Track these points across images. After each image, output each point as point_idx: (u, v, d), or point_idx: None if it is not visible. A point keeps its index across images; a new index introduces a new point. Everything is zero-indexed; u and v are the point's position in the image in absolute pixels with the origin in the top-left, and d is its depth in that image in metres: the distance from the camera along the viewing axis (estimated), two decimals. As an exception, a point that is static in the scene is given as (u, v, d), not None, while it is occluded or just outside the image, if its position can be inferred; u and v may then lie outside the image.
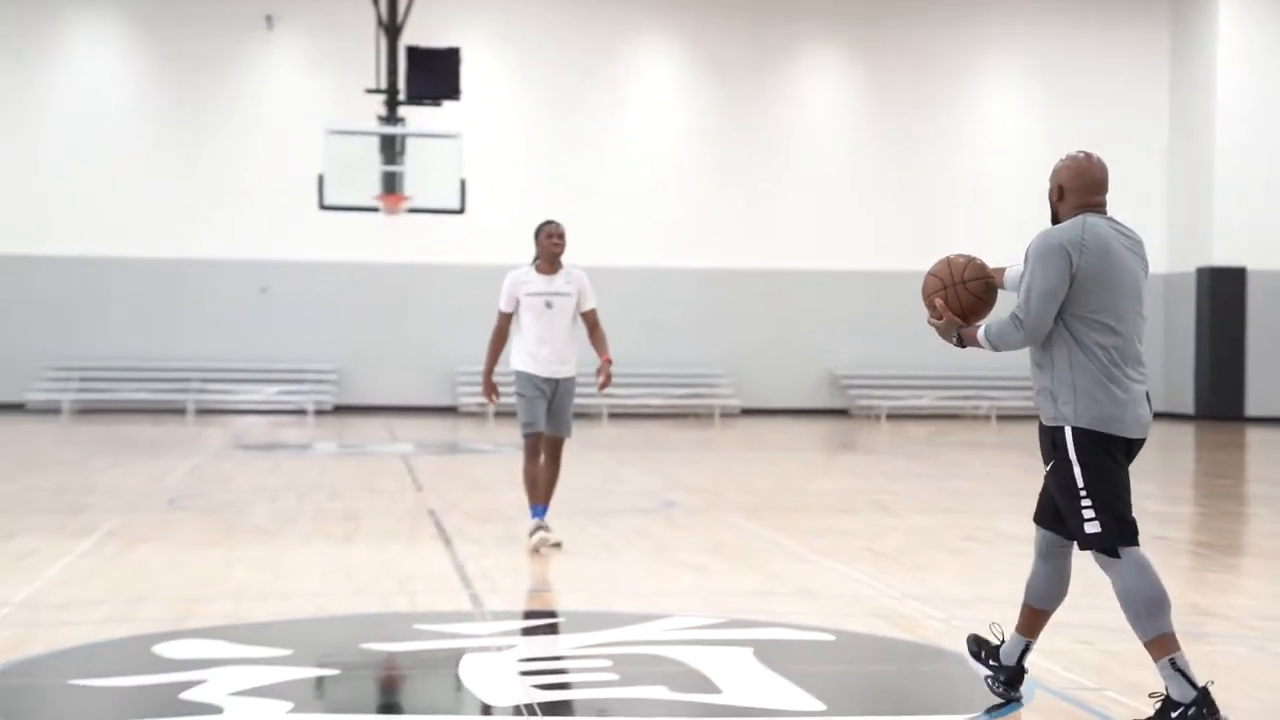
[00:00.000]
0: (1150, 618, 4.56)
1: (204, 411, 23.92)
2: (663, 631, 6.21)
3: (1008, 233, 26.51)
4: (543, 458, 8.73)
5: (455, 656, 5.76)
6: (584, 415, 24.57)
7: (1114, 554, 4.64)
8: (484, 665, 5.60)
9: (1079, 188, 4.85)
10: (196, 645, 5.87)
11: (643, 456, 16.60)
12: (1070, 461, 4.71)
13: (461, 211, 18.62)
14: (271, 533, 9.41)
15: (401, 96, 18.56)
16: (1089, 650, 5.96)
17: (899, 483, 13.56)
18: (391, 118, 18.63)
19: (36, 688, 5.26)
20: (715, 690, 5.23)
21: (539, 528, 8.67)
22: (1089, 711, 4.99)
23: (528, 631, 6.39)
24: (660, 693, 5.17)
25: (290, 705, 4.96)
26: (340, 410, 24.46)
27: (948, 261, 5.11)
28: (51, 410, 23.47)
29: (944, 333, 5.10)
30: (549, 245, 8.76)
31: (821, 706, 5.01)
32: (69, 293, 24.18)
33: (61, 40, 24.53)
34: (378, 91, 18.95)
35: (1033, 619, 5.01)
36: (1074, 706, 5.05)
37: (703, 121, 26.07)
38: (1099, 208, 4.83)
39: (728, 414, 25.09)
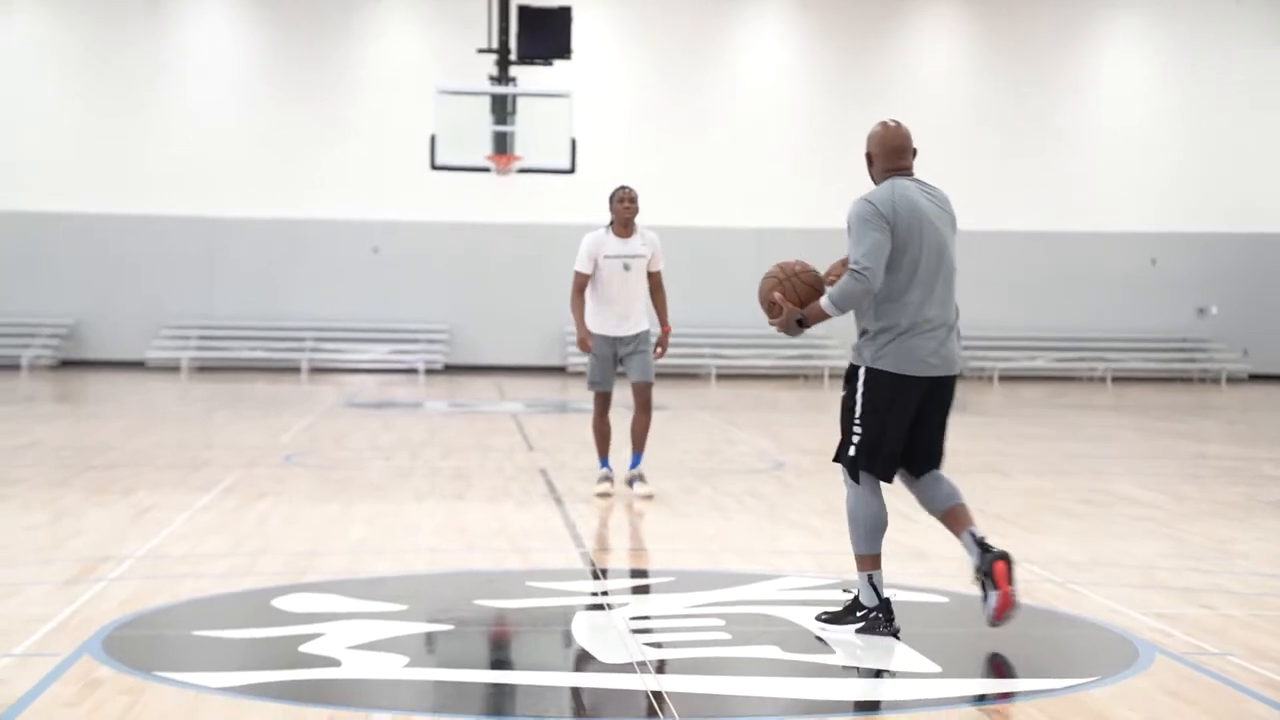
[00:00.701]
0: (868, 538, 5.45)
1: (317, 370, 24.32)
2: (775, 591, 6.21)
3: (1121, 190, 26.10)
4: (634, 406, 9.19)
5: (567, 614, 5.80)
6: (692, 376, 24.58)
7: (855, 478, 5.45)
8: (596, 623, 5.64)
9: (884, 154, 5.57)
10: (314, 599, 5.97)
11: (752, 417, 16.57)
12: (856, 394, 5.45)
13: (572, 171, 18.65)
14: (385, 489, 9.55)
15: (513, 56, 18.59)
16: (1211, 614, 5.84)
17: (1012, 445, 13.39)
18: (503, 77, 18.67)
19: (162, 638, 5.40)
20: (829, 650, 5.21)
21: (606, 477, 9.24)
22: (1211, 676, 4.90)
23: (639, 590, 6.42)
24: (773, 652, 5.16)
25: (406, 659, 5.03)
26: (451, 369, 24.72)
27: (779, 264, 5.76)
28: (171, 368, 24.01)
29: (785, 327, 5.61)
30: (622, 210, 9.09)
31: (936, 669, 4.97)
32: (186, 252, 24.69)
33: (183, 8, 24.95)
34: (489, 51, 18.99)
35: (952, 517, 5.54)
36: (1195, 670, 4.96)
37: (810, 82, 25.82)
38: (904, 170, 5.52)
39: (837, 375, 24.92)
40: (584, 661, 5.13)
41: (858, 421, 5.41)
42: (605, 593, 6.23)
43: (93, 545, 7.19)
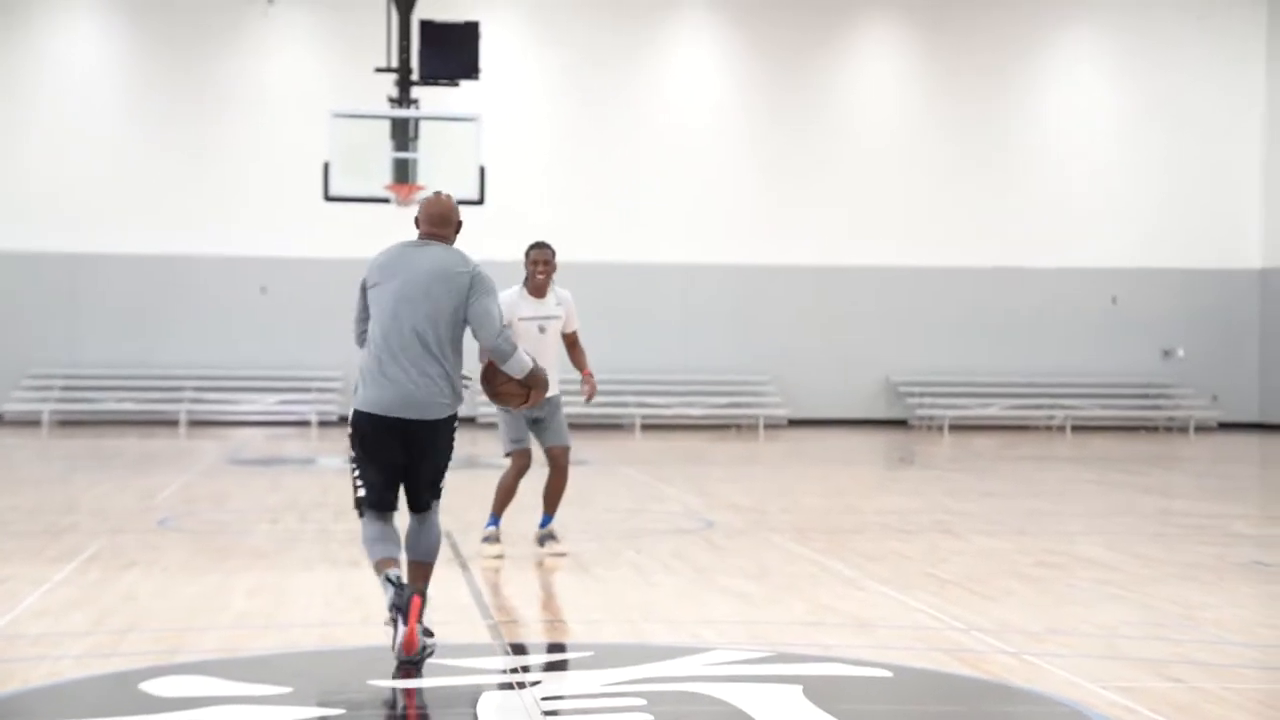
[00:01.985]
0: (370, 550, 6.56)
1: (197, 423, 24.04)
2: (703, 666, 6.18)
3: (1078, 223, 26.53)
4: (549, 470, 9.50)
5: (473, 694, 5.74)
6: (615, 427, 24.58)
7: (361, 513, 6.62)
8: (505, 704, 5.59)
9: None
10: (188, 682, 5.87)
11: (680, 472, 16.57)
12: (350, 436, 6.72)
13: (480, 202, 18.64)
14: (271, 556, 9.42)
15: (415, 76, 18.59)
16: (1179, 688, 5.89)
17: (963, 501, 13.49)
18: (404, 99, 18.67)
19: (12, 728, 5.27)
20: (760, 733, 5.19)
21: (493, 537, 9.45)
22: (1179, 758, 4.92)
23: (553, 666, 6.37)
24: (699, 735, 5.13)
25: (290, 748, 4.95)
26: (346, 421, 24.54)
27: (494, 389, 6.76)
28: (31, 421, 23.63)
29: (534, 393, 6.74)
30: (535, 271, 9.27)
31: (879, 751, 4.96)
32: (49, 293, 24.36)
33: (42, 19, 24.71)
34: (388, 70, 18.99)
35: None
36: (1162, 752, 4.99)
37: (743, 104, 26.05)
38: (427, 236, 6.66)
39: (773, 425, 25.04)
40: (490, 748, 5.08)
41: (352, 461, 6.78)
42: (515, 670, 6.18)
43: (-64, 623, 7.02)
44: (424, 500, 6.60)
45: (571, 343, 9.51)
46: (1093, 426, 25.82)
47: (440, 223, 6.64)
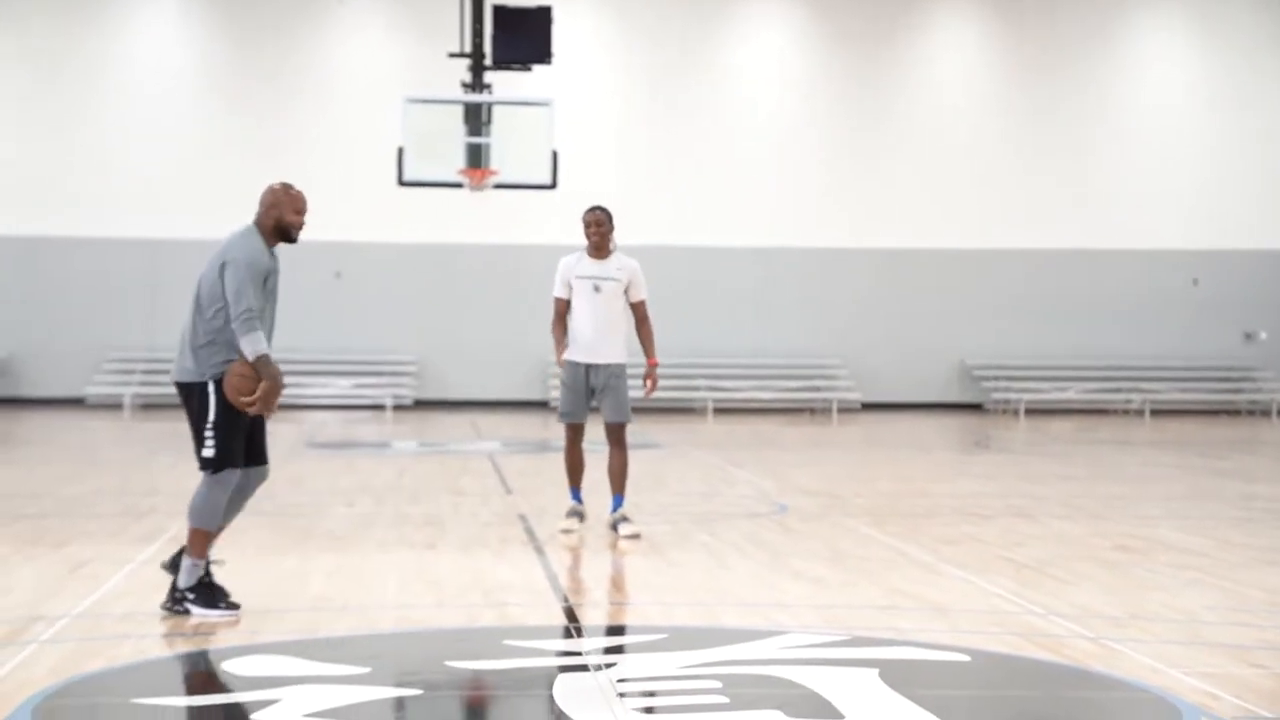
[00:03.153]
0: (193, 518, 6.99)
1: (274, 407, 24.25)
2: (777, 649, 6.18)
3: (1158, 205, 26.20)
4: (608, 447, 9.74)
5: (548, 676, 5.77)
6: (688, 411, 24.58)
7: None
8: (579, 686, 5.60)
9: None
10: (268, 662, 5.94)
11: (753, 456, 16.55)
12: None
13: (553, 186, 18.67)
14: (347, 539, 9.51)
15: (488, 61, 18.63)
16: (1262, 675, 5.82)
17: (1040, 485, 13.38)
18: (477, 84, 18.71)
19: (96, 707, 5.36)
20: (837, 715, 5.18)
21: (574, 510, 9.75)
22: (1262, 744, 4.87)
23: (628, 648, 6.39)
24: (775, 718, 5.13)
25: (369, 728, 4.99)
26: (421, 405, 24.70)
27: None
28: (113, 405, 23.95)
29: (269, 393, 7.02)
30: (588, 234, 9.60)
31: (957, 735, 4.94)
32: (130, 279, 24.67)
33: (122, 10, 25.00)
34: (461, 56, 19.04)
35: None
36: (1245, 738, 4.93)
37: (815, 87, 25.93)
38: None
39: (846, 409, 24.95)
40: (567, 729, 5.10)
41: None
42: (590, 652, 6.20)
43: (21, 604, 7.14)
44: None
45: (640, 317, 9.67)
46: (1173, 410, 25.52)
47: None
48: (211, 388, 7.05)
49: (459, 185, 18.63)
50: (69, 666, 5.82)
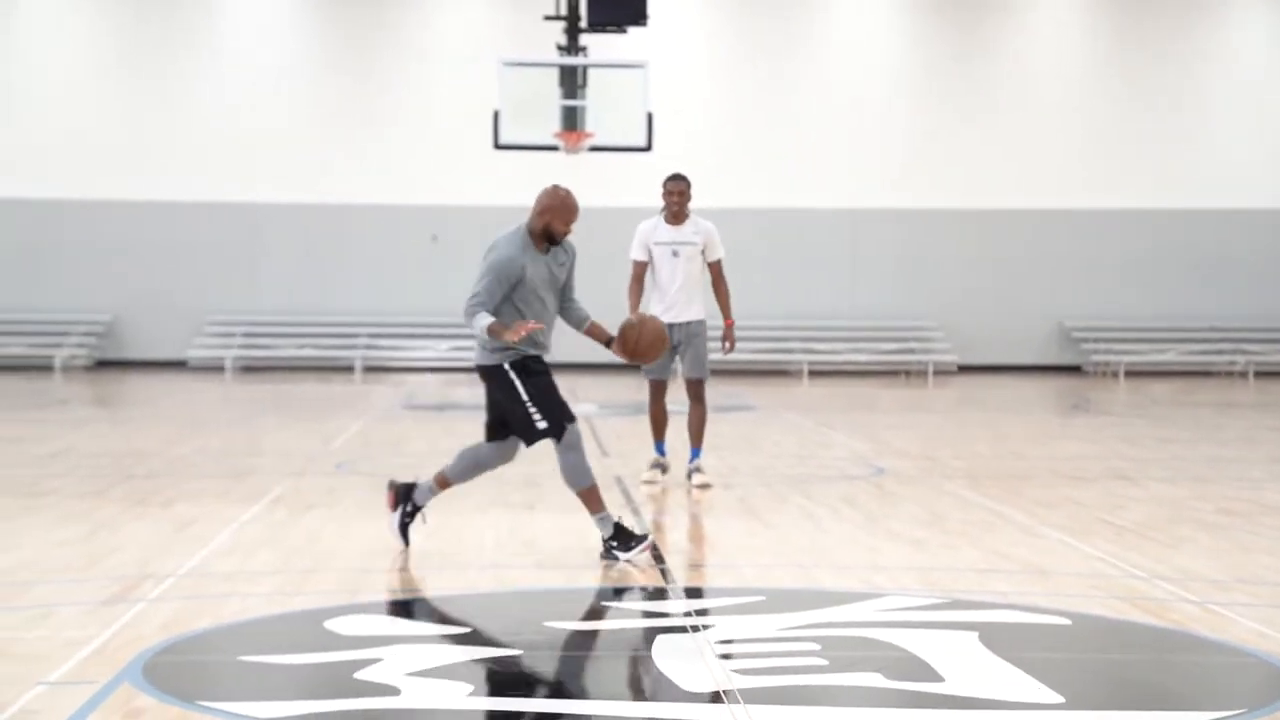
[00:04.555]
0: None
1: (372, 369, 24.51)
2: (876, 612, 6.15)
3: (1258, 163, 25.65)
4: (688, 401, 10.12)
5: (647, 637, 5.78)
6: (781, 373, 24.50)
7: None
8: (678, 647, 5.61)
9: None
10: (370, 621, 6.01)
11: (848, 419, 16.48)
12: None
13: (648, 148, 18.62)
14: (446, 500, 9.57)
15: (582, 23, 18.59)
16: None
17: (1141, 448, 13.21)
18: (572, 47, 18.68)
19: (206, 664, 5.45)
20: (937, 678, 5.15)
21: (657, 463, 10.18)
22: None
23: (726, 610, 6.39)
24: (875, 680, 5.12)
25: (470, 688, 5.04)
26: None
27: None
28: (214, 367, 24.31)
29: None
30: (668, 200, 10.07)
31: (1059, 698, 4.90)
32: (230, 243, 24.97)
33: (220, -27, 25.24)
34: (556, 18, 19.01)
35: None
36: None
37: (911, 49, 25.64)
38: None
39: (942, 371, 24.74)
40: (666, 690, 5.11)
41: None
42: (689, 613, 6.21)
43: (131, 562, 7.28)
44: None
45: (716, 276, 10.05)
46: (1277, 372, 25.05)
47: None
48: (509, 368, 7.29)
49: (554, 148, 18.64)
50: (177, 624, 5.93)
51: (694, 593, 6.78)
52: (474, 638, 5.75)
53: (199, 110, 25.02)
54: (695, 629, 5.89)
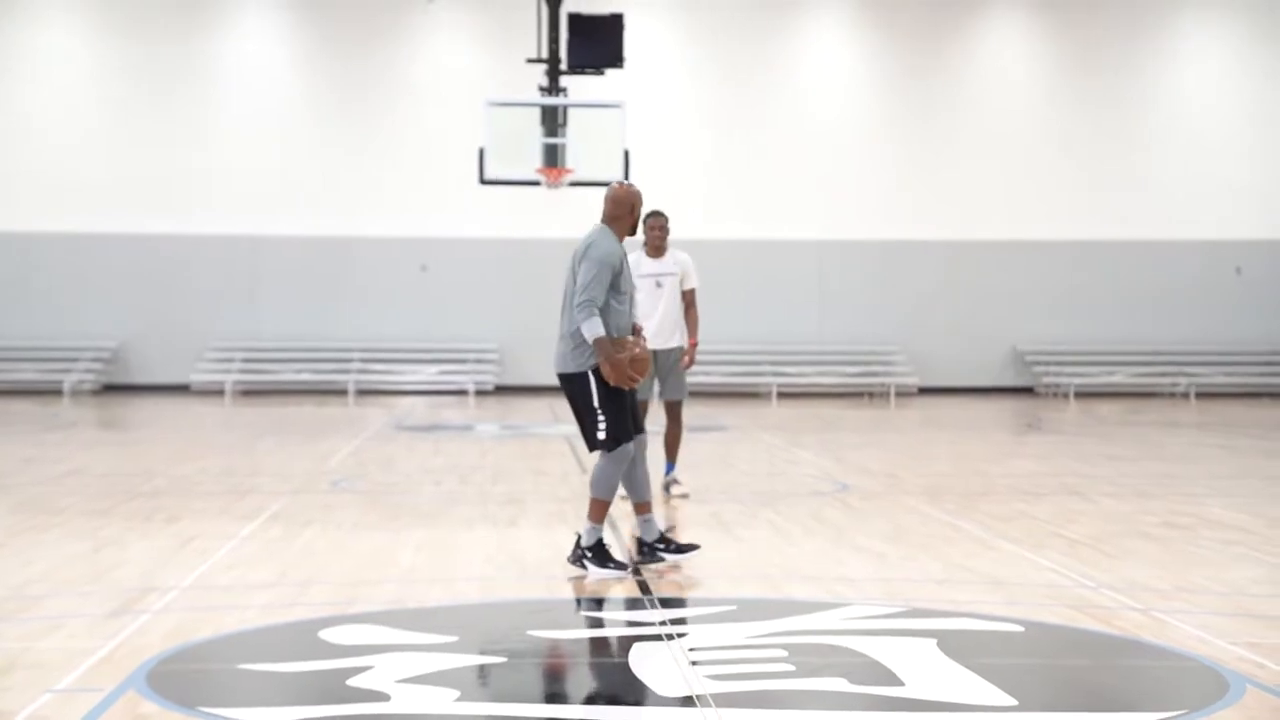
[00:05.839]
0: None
1: (365, 392, 24.47)
2: (841, 620, 6.17)
3: (1202, 196, 25.82)
4: (666, 421, 10.34)
5: (624, 645, 5.79)
6: (753, 395, 24.53)
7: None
8: (654, 654, 5.62)
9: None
10: (363, 630, 6.00)
11: (815, 438, 16.50)
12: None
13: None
14: (435, 516, 9.57)
15: (563, 66, 18.66)
16: (1304, 646, 5.74)
17: (1090, 465, 13.25)
18: (553, 88, 18.74)
19: (207, 672, 5.43)
20: (898, 683, 5.17)
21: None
22: (1306, 712, 4.81)
23: (699, 619, 6.40)
24: (840, 684, 5.13)
25: (457, 693, 5.03)
26: (501, 390, 24.80)
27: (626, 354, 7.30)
28: (215, 391, 24.24)
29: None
30: (651, 236, 10.18)
31: (1012, 701, 4.92)
32: (230, 272, 24.92)
33: (221, 18, 25.24)
34: (539, 61, 19.08)
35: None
36: (1289, 706, 4.87)
37: (875, 86, 25.76)
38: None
39: (904, 393, 24.81)
40: (642, 694, 5.12)
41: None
42: (664, 622, 6.21)
43: (136, 576, 7.26)
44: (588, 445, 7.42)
45: (689, 303, 10.22)
46: (1217, 393, 25.18)
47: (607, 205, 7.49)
48: (591, 376, 7.31)
49: (537, 183, 18.68)
50: (180, 634, 5.91)
51: (669, 603, 6.79)
52: (460, 646, 5.75)
53: (202, 147, 25.00)
54: (670, 637, 5.90)
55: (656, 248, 10.20)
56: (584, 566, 7.34)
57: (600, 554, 7.36)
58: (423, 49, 25.35)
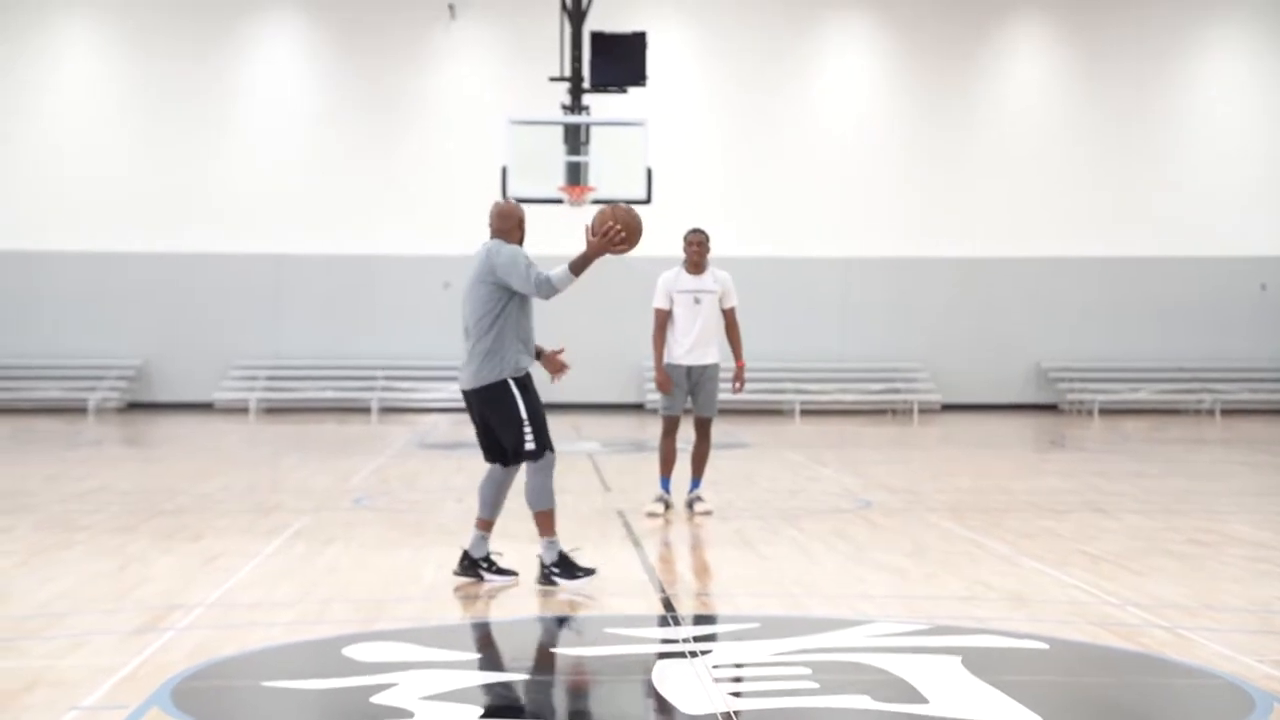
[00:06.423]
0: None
1: (388, 410, 24.51)
2: (864, 638, 6.15)
3: (1226, 212, 25.73)
4: (695, 437, 10.35)
5: (647, 662, 5.78)
6: (775, 413, 24.50)
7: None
8: (677, 672, 5.61)
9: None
10: (386, 648, 6.00)
11: (838, 455, 16.47)
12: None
13: (648, 201, 18.68)
14: (458, 533, 9.57)
15: (586, 84, 18.71)
16: (1332, 664, 5.70)
17: (1114, 482, 13.20)
18: (575, 106, 18.78)
19: (230, 689, 5.44)
20: (922, 700, 5.15)
21: (661, 498, 10.38)
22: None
23: (722, 637, 6.38)
24: (863, 702, 5.11)
25: (479, 711, 5.03)
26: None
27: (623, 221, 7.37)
28: (239, 409, 24.31)
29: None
30: (692, 252, 10.29)
31: (1037, 718, 4.89)
32: (253, 290, 25.02)
33: (243, 37, 25.38)
34: (561, 79, 19.13)
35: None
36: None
37: (897, 105, 25.76)
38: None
39: (927, 410, 24.75)
40: (665, 712, 5.11)
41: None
42: (688, 639, 6.20)
43: (161, 593, 7.27)
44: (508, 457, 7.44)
45: (730, 321, 10.28)
46: (1242, 410, 25.05)
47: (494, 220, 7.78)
48: (512, 384, 7.35)
49: (559, 201, 18.72)
50: (204, 652, 5.92)
51: (691, 620, 6.78)
52: (483, 663, 5.75)
53: (226, 166, 25.13)
54: (694, 654, 5.89)
55: (695, 264, 10.28)
56: (554, 583, 7.37)
57: (566, 566, 7.43)
58: (445, 67, 25.44)
